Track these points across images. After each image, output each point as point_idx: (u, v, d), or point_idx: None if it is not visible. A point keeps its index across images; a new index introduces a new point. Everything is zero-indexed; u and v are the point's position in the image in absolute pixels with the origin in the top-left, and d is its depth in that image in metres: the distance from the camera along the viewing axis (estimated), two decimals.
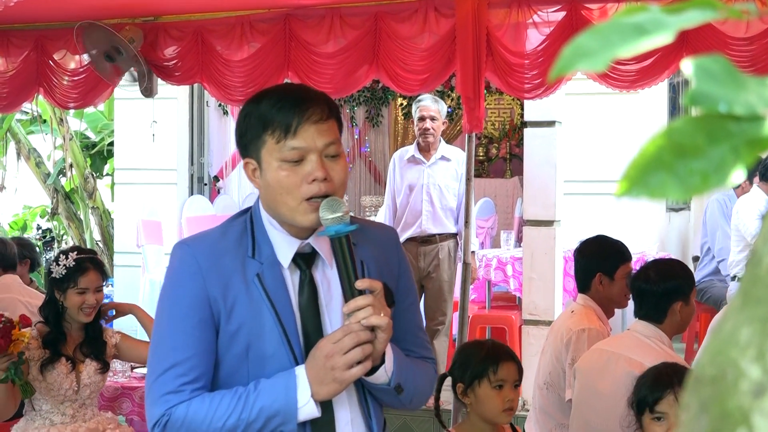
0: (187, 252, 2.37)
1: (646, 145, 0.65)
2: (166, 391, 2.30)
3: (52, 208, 13.35)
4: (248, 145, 2.38)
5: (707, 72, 0.65)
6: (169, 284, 2.39)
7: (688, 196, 0.64)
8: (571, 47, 0.68)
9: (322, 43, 6.47)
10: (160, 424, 2.31)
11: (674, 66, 5.76)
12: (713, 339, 0.66)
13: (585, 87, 7.15)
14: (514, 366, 3.57)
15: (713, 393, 0.64)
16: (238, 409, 2.28)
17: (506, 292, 8.84)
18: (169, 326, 2.35)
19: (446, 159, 7.78)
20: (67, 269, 4.74)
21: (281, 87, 2.49)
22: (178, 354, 2.31)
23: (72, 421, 4.74)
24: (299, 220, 2.34)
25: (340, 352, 2.29)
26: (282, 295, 2.37)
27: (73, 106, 7.53)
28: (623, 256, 4.88)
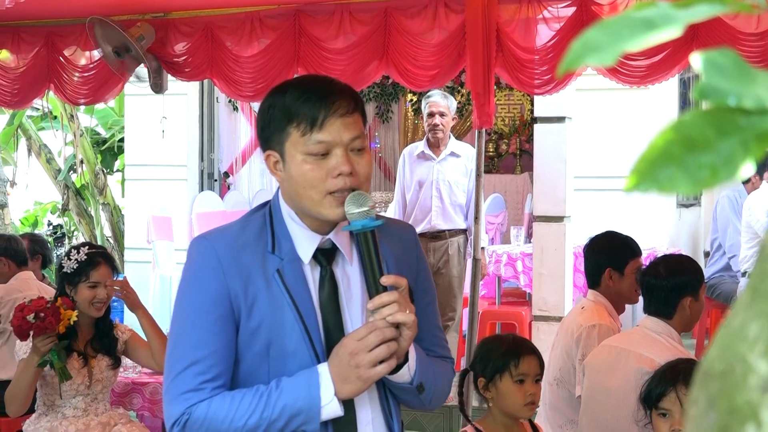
0: (207, 246, 2.32)
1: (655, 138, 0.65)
2: (185, 389, 2.26)
3: (63, 204, 13.37)
4: (271, 137, 2.34)
5: (716, 65, 0.65)
6: (187, 279, 2.33)
7: (697, 190, 0.64)
8: (580, 41, 0.67)
9: (331, 38, 6.47)
10: (180, 423, 2.26)
11: (685, 61, 5.74)
12: (722, 334, 0.66)
13: (595, 82, 7.14)
14: (535, 360, 3.55)
15: (722, 388, 0.64)
16: (260, 407, 2.24)
17: (516, 287, 8.83)
18: (189, 322, 2.29)
19: (456, 155, 7.77)
20: (79, 263, 4.76)
21: (306, 79, 2.47)
22: (198, 351, 2.27)
23: (84, 415, 4.76)
24: (324, 214, 2.30)
25: (365, 349, 2.25)
26: (303, 291, 2.33)
27: (83, 102, 7.54)
28: (633, 252, 4.87)
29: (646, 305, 4.26)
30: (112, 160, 13.89)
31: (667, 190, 0.64)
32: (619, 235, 4.99)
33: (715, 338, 0.68)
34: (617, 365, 4.13)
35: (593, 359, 4.31)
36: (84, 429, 4.73)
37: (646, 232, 8.79)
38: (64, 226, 14.36)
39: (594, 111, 9.17)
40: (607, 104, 9.30)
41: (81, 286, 4.75)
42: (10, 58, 7.33)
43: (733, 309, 0.69)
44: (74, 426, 4.72)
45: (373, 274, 2.29)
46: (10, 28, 7.17)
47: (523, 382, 3.50)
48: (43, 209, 15.14)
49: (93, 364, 4.76)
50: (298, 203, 2.34)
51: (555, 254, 7.49)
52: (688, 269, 4.26)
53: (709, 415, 0.64)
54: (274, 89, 2.40)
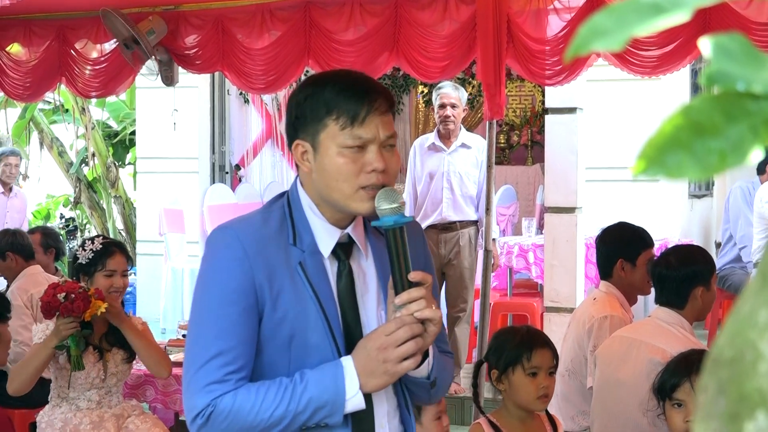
0: (233, 237, 2.29)
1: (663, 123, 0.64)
2: (210, 380, 2.23)
3: (75, 197, 13.41)
4: (304, 126, 2.34)
5: (725, 50, 0.64)
6: (211, 269, 2.30)
7: (706, 175, 0.64)
8: (587, 26, 0.67)
9: (342, 30, 6.47)
10: (204, 415, 2.23)
11: (696, 51, 5.72)
12: (731, 321, 0.65)
13: (606, 73, 7.12)
14: (548, 353, 3.53)
15: (731, 375, 0.63)
16: (286, 399, 2.23)
17: (528, 279, 8.82)
18: (213, 313, 2.27)
19: (467, 146, 7.76)
20: (94, 253, 4.77)
21: (346, 74, 2.47)
22: (223, 342, 2.24)
23: (98, 408, 4.77)
24: (353, 207, 2.32)
25: (393, 344, 2.26)
26: (324, 284, 2.33)
27: (94, 95, 7.56)
28: (645, 242, 4.86)
29: (657, 296, 4.26)
30: (123, 152, 13.92)
31: (675, 175, 0.63)
32: (631, 226, 4.98)
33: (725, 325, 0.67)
34: (629, 356, 4.12)
35: (605, 350, 4.30)
36: (98, 421, 4.75)
37: (657, 222, 8.78)
38: (77, 219, 14.40)
39: (605, 102, 9.16)
40: (618, 95, 9.28)
41: (97, 275, 4.76)
42: (22, 52, 7.35)
43: (742, 296, 0.68)
44: (88, 418, 4.73)
45: (401, 270, 2.31)
46: (22, 22, 7.18)
47: (536, 375, 3.49)
48: (56, 202, 15.18)
49: (108, 357, 4.77)
50: (326, 195, 2.34)
51: (566, 245, 7.48)
52: (699, 259, 4.26)
53: (718, 401, 0.63)
54: (311, 80, 2.41)
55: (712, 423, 0.62)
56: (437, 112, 7.76)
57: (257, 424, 2.24)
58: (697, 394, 2.42)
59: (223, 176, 11.04)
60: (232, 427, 2.24)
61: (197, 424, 2.25)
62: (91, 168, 13.17)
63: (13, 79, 7.30)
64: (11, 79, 7.31)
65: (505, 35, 6.01)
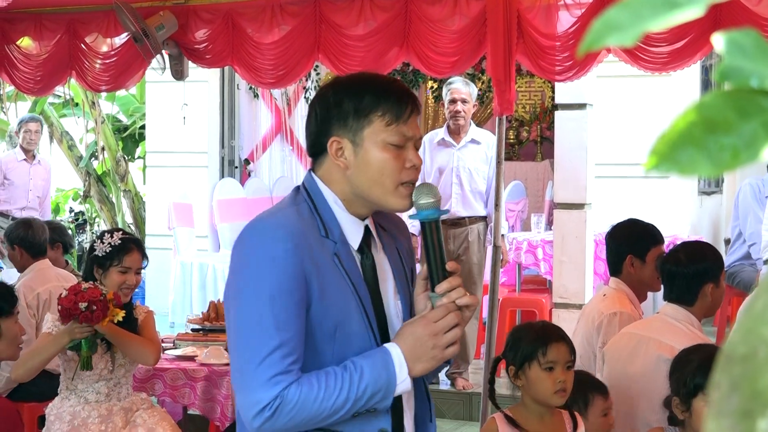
0: (281, 228, 2.32)
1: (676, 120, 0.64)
2: (275, 372, 2.24)
3: (85, 191, 13.42)
4: (343, 123, 2.41)
5: (739, 46, 0.64)
6: (260, 263, 2.30)
7: (718, 172, 0.64)
8: (601, 21, 0.67)
9: (352, 25, 6.46)
10: (271, 408, 2.24)
11: (707, 48, 5.71)
12: (745, 317, 0.65)
13: (616, 69, 7.10)
14: (565, 347, 3.54)
15: (744, 371, 0.63)
16: (346, 387, 2.28)
17: (536, 275, 8.82)
18: (269, 306, 2.27)
19: (476, 142, 7.75)
20: (112, 247, 4.77)
21: (380, 75, 2.62)
22: (283, 333, 2.26)
23: (106, 400, 4.78)
24: (392, 203, 2.42)
25: (442, 330, 2.36)
26: (357, 275, 2.41)
27: (104, 89, 7.56)
28: (655, 239, 4.85)
29: (666, 292, 4.25)
30: (133, 146, 13.93)
31: (687, 171, 0.63)
32: (641, 223, 4.97)
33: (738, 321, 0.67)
34: (637, 352, 4.12)
35: (613, 346, 4.30)
36: (107, 414, 4.75)
37: (667, 219, 8.76)
38: (86, 212, 14.41)
39: (615, 98, 9.14)
40: (628, 91, 9.27)
41: (112, 270, 4.76)
42: (33, 46, 7.35)
43: (755, 292, 0.68)
44: (97, 411, 4.74)
45: (438, 261, 2.42)
46: (33, 16, 7.19)
47: (552, 369, 3.49)
48: (65, 196, 15.18)
49: (116, 349, 4.78)
50: (364, 190, 2.42)
51: (576, 242, 7.47)
52: (708, 256, 4.25)
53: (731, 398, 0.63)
54: (346, 81, 2.53)
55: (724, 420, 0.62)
56: (447, 107, 7.75)
57: (320, 413, 2.27)
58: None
59: (232, 171, 11.04)
60: (297, 417, 2.26)
61: (264, 417, 2.25)
62: (100, 162, 13.18)
63: (24, 72, 7.31)
64: (21, 73, 7.32)
65: (515, 31, 6.00)
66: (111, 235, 4.84)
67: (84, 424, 4.71)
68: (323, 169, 2.46)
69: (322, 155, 2.47)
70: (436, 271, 2.41)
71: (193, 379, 5.51)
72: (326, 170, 2.46)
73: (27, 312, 6.12)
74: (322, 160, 2.47)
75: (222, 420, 5.46)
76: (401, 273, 2.54)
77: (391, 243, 2.55)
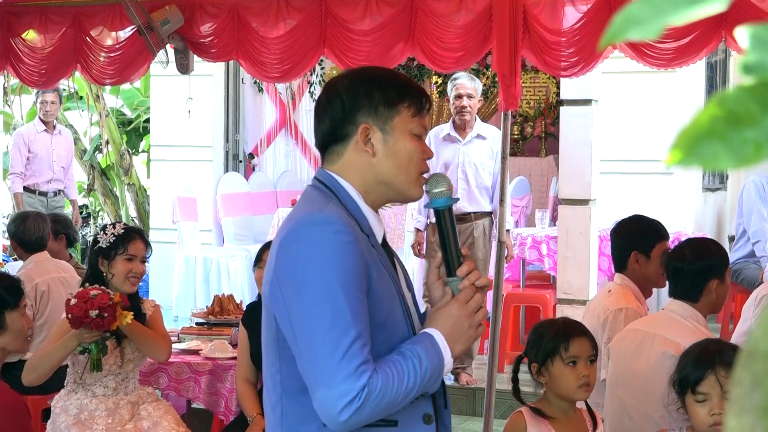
0: (339, 221, 2.34)
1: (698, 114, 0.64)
2: (358, 362, 2.23)
3: (89, 185, 13.42)
4: (373, 111, 2.46)
5: (762, 41, 0.64)
6: (326, 255, 2.30)
7: (741, 166, 0.63)
8: (623, 15, 0.66)
9: (357, 20, 6.46)
10: (360, 398, 2.22)
11: (712, 44, 5.70)
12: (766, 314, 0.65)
13: (622, 65, 7.10)
14: (586, 341, 3.57)
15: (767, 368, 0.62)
16: (412, 372, 2.31)
17: (540, 271, 8.81)
18: (343, 297, 2.26)
19: (482, 137, 7.74)
20: (116, 237, 4.79)
21: (395, 70, 2.72)
22: (360, 324, 2.27)
23: (114, 394, 4.78)
24: (411, 192, 2.51)
25: (474, 310, 2.46)
26: (390, 267, 2.48)
27: (109, 82, 7.56)
28: (660, 235, 4.85)
29: (671, 289, 4.24)
30: (137, 140, 13.93)
31: (710, 165, 0.63)
32: (646, 219, 4.97)
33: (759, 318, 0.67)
34: (642, 349, 4.11)
35: (618, 343, 4.30)
36: (113, 408, 4.76)
37: (671, 215, 8.75)
38: (90, 206, 14.42)
39: (620, 94, 9.13)
40: (633, 87, 9.26)
41: (118, 258, 4.77)
42: (38, 39, 7.35)
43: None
44: (104, 405, 4.75)
45: (453, 246, 2.51)
46: (38, 8, 7.19)
47: (575, 363, 3.52)
48: None
49: (125, 344, 4.78)
50: (389, 178, 2.47)
51: (580, 237, 7.47)
52: (713, 252, 4.25)
53: (753, 395, 0.63)
54: (370, 71, 2.62)
55: (746, 417, 0.62)
56: (453, 102, 7.74)
57: (397, 399, 2.29)
58: (723, 386, 2.43)
59: (236, 165, 11.04)
60: (380, 405, 2.26)
61: (353, 408, 2.23)
62: (104, 155, 13.19)
63: (29, 65, 7.31)
64: (27, 66, 7.32)
65: (521, 26, 5.99)
66: (113, 226, 4.88)
67: (91, 417, 4.72)
68: (342, 161, 2.48)
69: (340, 144, 2.47)
70: (452, 257, 2.50)
71: (197, 373, 5.52)
72: (346, 161, 2.47)
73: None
74: (339, 150, 2.48)
75: (226, 414, 5.46)
76: (401, 263, 2.61)
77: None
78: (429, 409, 2.45)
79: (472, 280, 2.48)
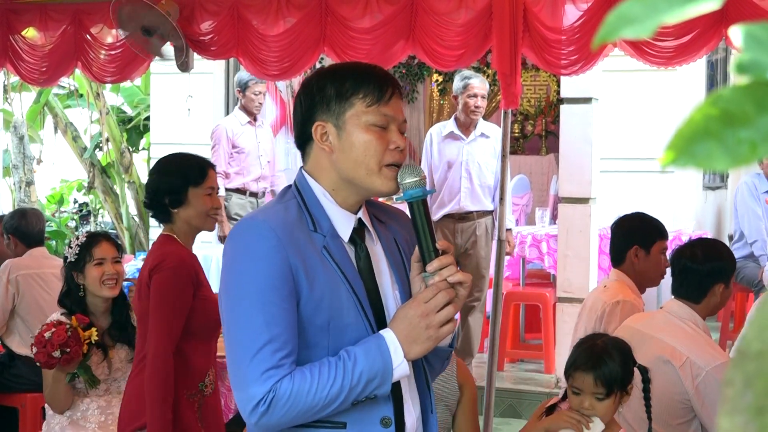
0: (264, 226, 2.34)
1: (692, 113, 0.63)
2: (266, 367, 2.25)
3: (89, 182, 13.42)
4: (326, 108, 2.43)
5: (757, 39, 0.63)
6: (248, 259, 2.32)
7: (735, 166, 0.63)
8: (616, 13, 0.66)
9: (358, 18, 6.45)
10: (266, 402, 2.25)
11: (713, 43, 5.70)
12: (759, 313, 0.64)
13: (622, 64, 7.09)
14: (590, 378, 3.35)
15: (758, 368, 0.62)
16: (339, 376, 2.28)
17: (540, 269, 8.81)
18: (257, 302, 2.28)
19: (485, 136, 7.74)
20: (80, 246, 4.75)
21: (360, 63, 2.66)
22: (273, 328, 2.27)
23: (105, 393, 4.77)
24: (377, 185, 2.43)
25: (434, 310, 2.36)
26: (349, 267, 2.42)
27: (109, 80, 7.56)
28: (661, 233, 4.86)
29: (675, 287, 4.21)
30: (137, 138, 13.93)
31: (704, 165, 0.62)
32: (649, 216, 4.99)
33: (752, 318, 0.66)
34: (638, 350, 4.06)
35: None
36: (105, 406, 4.75)
37: (672, 214, 8.76)
38: (90, 204, 14.42)
39: (621, 92, 9.13)
40: (634, 85, 9.25)
41: (87, 267, 4.71)
42: (38, 36, 7.34)
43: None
44: (96, 403, 4.74)
45: (427, 239, 2.42)
46: (38, 6, 7.18)
47: (578, 395, 3.37)
48: (69, 187, 15.19)
49: (112, 354, 4.74)
50: (350, 173, 2.43)
51: (580, 236, 7.47)
52: (724, 256, 4.24)
53: (745, 395, 0.63)
54: (330, 68, 2.55)
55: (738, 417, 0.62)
56: (465, 102, 7.71)
57: (315, 404, 2.28)
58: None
59: None
60: (292, 410, 2.27)
61: (259, 412, 2.27)
62: (105, 153, 13.18)
63: (29, 63, 7.31)
64: (27, 64, 7.31)
65: (521, 24, 5.98)
66: (77, 238, 4.83)
67: (84, 417, 4.71)
68: (311, 161, 2.49)
69: (308, 145, 2.49)
70: (426, 251, 2.41)
71: None
72: (313, 160, 2.48)
73: (6, 286, 6.14)
74: (309, 150, 2.49)
75: (225, 412, 5.46)
76: (399, 264, 2.54)
77: (388, 235, 2.56)
78: (387, 412, 2.41)
79: (444, 276, 2.38)
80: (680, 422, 3.97)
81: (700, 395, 3.91)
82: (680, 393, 3.95)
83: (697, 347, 3.97)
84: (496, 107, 12.47)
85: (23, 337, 6.14)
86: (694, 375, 3.92)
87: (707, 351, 3.98)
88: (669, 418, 3.96)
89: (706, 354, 3.95)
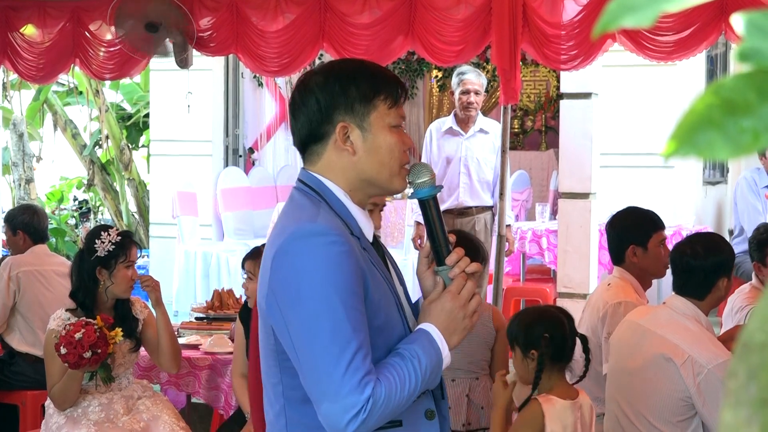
0: (332, 232, 2.30)
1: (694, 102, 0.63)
2: (362, 374, 2.23)
3: (89, 180, 13.42)
4: (349, 108, 2.41)
5: (759, 27, 0.63)
6: (323, 267, 2.27)
7: (738, 155, 0.62)
8: (617, 1, 0.65)
9: (357, 13, 6.45)
10: (366, 410, 2.23)
11: (712, 37, 5.69)
12: (762, 305, 0.64)
13: (622, 59, 7.08)
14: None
15: (762, 360, 0.62)
16: (413, 373, 2.31)
17: (541, 264, 8.81)
18: (342, 309, 2.25)
19: (484, 132, 7.73)
20: (115, 244, 4.72)
21: (369, 61, 2.63)
22: (360, 334, 2.26)
23: (107, 390, 4.77)
24: (395, 185, 2.46)
25: (467, 300, 2.44)
26: (383, 267, 2.46)
27: (109, 77, 7.56)
28: (655, 225, 4.80)
29: (678, 285, 4.13)
30: (137, 135, 13.92)
31: (706, 155, 0.62)
32: (640, 210, 4.91)
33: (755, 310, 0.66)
34: (640, 346, 4.06)
35: (617, 337, 4.26)
36: (107, 403, 4.74)
37: (672, 209, 8.75)
38: (90, 201, 14.42)
39: (621, 87, 9.11)
40: (633, 81, 9.24)
41: (120, 266, 4.71)
42: (36, 33, 7.34)
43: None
44: (97, 400, 4.73)
45: (441, 235, 2.47)
46: (36, 3, 7.17)
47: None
48: (69, 184, 15.19)
49: (115, 349, 4.74)
50: (373, 174, 2.43)
51: (580, 231, 7.45)
52: (724, 248, 4.20)
53: (749, 387, 0.62)
54: (344, 66, 2.55)
55: (742, 410, 0.61)
56: (459, 97, 7.70)
57: (401, 404, 2.30)
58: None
59: (236, 159, 11.02)
60: (384, 412, 2.27)
61: (360, 419, 2.23)
62: (104, 150, 13.18)
63: (27, 60, 7.30)
64: (25, 61, 7.31)
65: (521, 19, 5.98)
66: (108, 233, 4.76)
67: (84, 414, 4.70)
68: (322, 162, 2.43)
69: (319, 144, 2.43)
70: (442, 246, 2.47)
71: (197, 368, 5.51)
72: (326, 161, 2.43)
73: (6, 283, 6.14)
74: (319, 150, 2.43)
75: (226, 408, 5.46)
76: (392, 260, 2.59)
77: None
78: (431, 404, 2.45)
79: (462, 268, 2.45)
80: (681, 420, 3.96)
81: (702, 393, 3.89)
82: (681, 391, 3.93)
83: (699, 345, 3.94)
84: (495, 103, 12.46)
85: (24, 335, 6.14)
86: (696, 373, 3.90)
87: (709, 349, 3.95)
88: (670, 415, 3.95)
89: (709, 352, 3.93)
